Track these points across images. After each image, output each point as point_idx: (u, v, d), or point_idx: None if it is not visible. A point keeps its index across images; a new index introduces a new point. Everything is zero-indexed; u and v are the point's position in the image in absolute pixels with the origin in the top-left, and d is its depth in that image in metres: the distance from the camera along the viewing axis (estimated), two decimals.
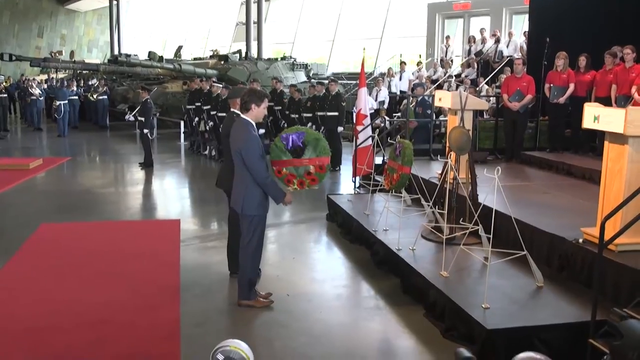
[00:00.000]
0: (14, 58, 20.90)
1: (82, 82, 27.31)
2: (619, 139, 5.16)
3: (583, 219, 5.88)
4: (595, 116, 5.31)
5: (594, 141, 9.82)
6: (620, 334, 1.76)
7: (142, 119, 13.64)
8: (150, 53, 25.16)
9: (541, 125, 11.12)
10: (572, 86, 10.05)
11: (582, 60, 10.14)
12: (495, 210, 5.07)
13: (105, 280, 6.32)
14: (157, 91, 20.71)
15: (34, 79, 27.75)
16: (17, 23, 44.25)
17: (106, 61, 28.54)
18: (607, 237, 4.58)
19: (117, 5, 44.14)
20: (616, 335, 1.82)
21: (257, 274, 5.80)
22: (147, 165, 13.53)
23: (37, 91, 22.59)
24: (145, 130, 13.43)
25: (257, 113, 5.40)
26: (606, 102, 9.20)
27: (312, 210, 9.51)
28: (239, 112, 5.73)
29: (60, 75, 31.95)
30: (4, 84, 22.86)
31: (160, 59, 24.15)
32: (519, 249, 5.29)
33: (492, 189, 5.04)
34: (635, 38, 9.44)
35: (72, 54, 39.53)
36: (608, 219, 4.60)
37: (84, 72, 27.65)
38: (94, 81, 25.23)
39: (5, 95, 22.62)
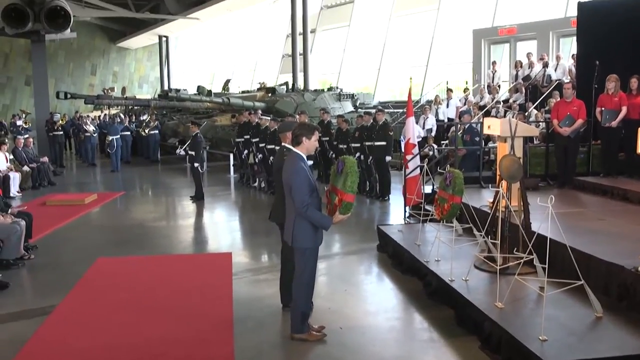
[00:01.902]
0: (69, 96, 21.61)
1: (134, 117, 27.98)
2: None
3: None
4: None
5: None
6: None
7: (193, 152, 13.88)
8: (199, 87, 25.67)
9: (593, 149, 10.92)
10: (624, 109, 9.88)
11: (634, 82, 9.98)
12: (550, 239, 4.99)
13: (160, 314, 6.41)
14: (207, 125, 21.06)
15: (87, 116, 28.54)
16: (72, 62, 45.82)
17: (156, 96, 29.24)
18: None
19: (167, 41, 45.39)
20: None
21: (310, 307, 5.80)
22: (198, 199, 13.73)
23: (91, 128, 23.22)
24: (196, 164, 13.66)
25: (308, 146, 5.47)
26: None
27: (362, 241, 9.49)
28: (289, 147, 5.87)
29: (113, 111, 32.82)
30: (60, 122, 23.56)
31: (209, 92, 24.61)
32: (575, 279, 5.18)
33: (545, 217, 4.97)
34: None
35: (123, 90, 40.63)
36: None
37: (136, 107, 28.36)
38: (145, 116, 25.81)
39: (61, 132, 23.33)
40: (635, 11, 11.04)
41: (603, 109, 10.06)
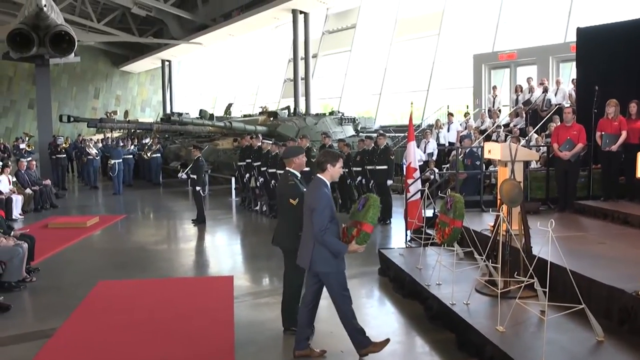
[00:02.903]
0: (72, 119, 21.75)
1: (136, 140, 28.12)
2: None
3: None
4: None
5: None
6: None
7: (195, 176, 13.93)
8: (201, 111, 25.82)
9: (594, 173, 10.96)
10: (624, 133, 9.94)
11: (633, 107, 10.05)
12: (550, 263, 5.01)
13: (161, 337, 6.42)
14: (209, 148, 21.16)
15: (90, 139, 28.72)
16: (75, 86, 46.21)
17: (159, 120, 29.41)
18: None
19: (169, 66, 45.79)
20: None
21: (356, 322, 5.76)
22: (200, 222, 13.76)
23: (93, 151, 23.35)
24: (198, 188, 13.71)
25: (332, 173, 5.58)
26: None
27: (363, 265, 9.49)
28: (293, 171, 6.02)
29: (116, 134, 33.01)
30: (63, 145, 23.69)
31: (211, 116, 24.74)
32: (576, 302, 5.19)
33: (546, 241, 5.00)
34: None
35: (126, 113, 40.90)
36: None
37: (138, 131, 28.50)
38: (148, 140, 25.94)
39: (64, 155, 23.42)
40: (634, 36, 11.15)
41: (603, 133, 10.12)
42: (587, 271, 6.15)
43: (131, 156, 23.68)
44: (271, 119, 22.33)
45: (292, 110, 24.48)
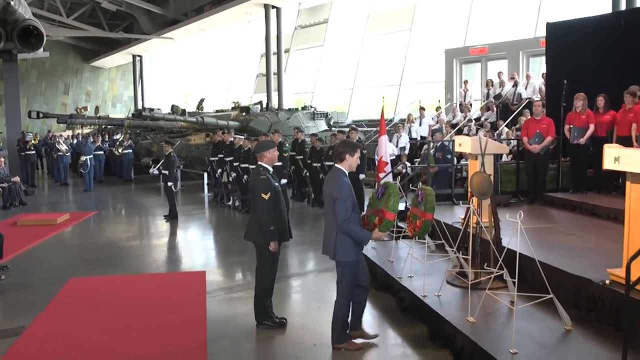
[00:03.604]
0: (41, 115, 21.43)
1: (107, 136, 27.84)
2: None
3: (609, 260, 5.85)
4: (616, 157, 5.33)
5: (617, 180, 9.79)
6: None
7: (166, 172, 13.85)
8: (173, 107, 25.59)
9: (563, 166, 11.11)
10: (592, 127, 10.09)
11: (600, 101, 10.20)
12: (519, 254, 5.07)
13: (133, 333, 6.38)
14: (181, 144, 21.03)
15: (60, 135, 28.35)
16: (44, 81, 45.55)
17: (130, 116, 29.12)
18: (633, 278, 4.57)
19: (140, 61, 45.36)
20: None
21: (348, 318, 5.82)
22: (172, 218, 13.69)
23: (63, 147, 23.04)
24: (170, 183, 13.63)
25: (350, 162, 5.64)
26: (628, 141, 9.22)
27: None
28: (265, 165, 6.10)
29: (86, 130, 32.62)
30: (33, 141, 23.35)
31: (183, 112, 24.54)
32: (545, 292, 5.27)
33: (515, 232, 5.06)
34: None
35: (97, 109, 40.46)
36: (633, 259, 4.58)
37: (109, 127, 28.20)
38: (119, 136, 25.69)
39: (34, 152, 23.10)
40: (601, 31, 11.30)
41: (571, 126, 10.26)
42: (555, 262, 6.25)
43: (102, 152, 23.44)
44: (243, 114, 22.25)
45: (264, 105, 24.43)
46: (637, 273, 4.73)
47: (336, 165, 5.68)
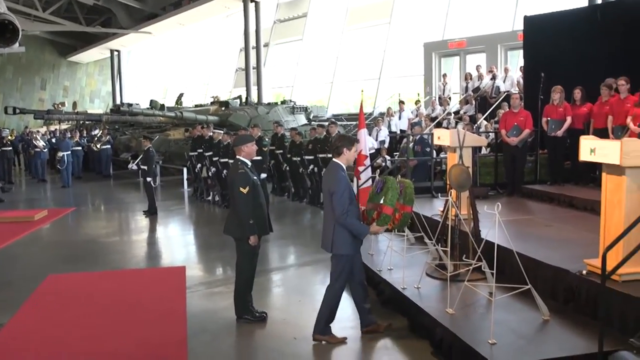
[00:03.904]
0: (18, 111, 21.22)
1: (85, 132, 27.59)
2: (616, 170, 5.24)
3: (586, 251, 5.92)
4: (592, 149, 5.39)
5: (594, 172, 9.89)
6: None
7: (145, 167, 13.77)
8: (151, 102, 25.46)
9: (541, 158, 11.21)
10: (569, 119, 10.18)
11: (577, 93, 10.29)
12: (498, 245, 5.11)
13: (113, 330, 6.34)
14: (160, 139, 20.91)
15: (37, 131, 28.05)
16: (21, 77, 45.01)
17: (108, 111, 28.90)
18: (609, 267, 4.63)
19: (118, 56, 44.96)
20: None
21: (336, 311, 5.85)
22: (151, 213, 13.61)
23: (41, 143, 22.81)
24: (149, 179, 13.55)
25: (348, 157, 5.67)
26: (604, 133, 9.32)
27: (317, 252, 9.49)
28: (244, 159, 6.06)
29: (64, 126, 32.29)
30: (9, 137, 23.08)
31: (162, 107, 24.43)
32: (523, 283, 5.32)
33: (493, 224, 5.10)
34: (628, 69, 9.59)
35: (74, 105, 39.97)
36: (609, 249, 4.65)
37: (87, 122, 27.95)
38: (97, 131, 25.49)
39: (10, 148, 22.84)
40: (578, 24, 11.40)
41: (549, 119, 10.34)
42: (533, 253, 6.31)
43: (80, 148, 23.22)
44: (223, 108, 22.17)
45: (243, 100, 24.35)
46: (613, 263, 4.79)
47: (334, 159, 5.71)
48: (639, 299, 4.88)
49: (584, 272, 5.55)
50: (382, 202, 5.63)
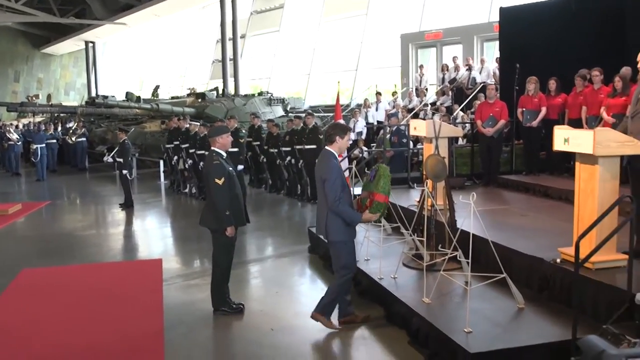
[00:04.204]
0: None
1: (60, 125, 27.26)
2: (589, 159, 5.29)
3: (561, 240, 5.98)
4: (565, 138, 5.43)
5: (569, 162, 9.98)
6: (580, 350, 1.83)
7: (121, 159, 13.64)
8: (127, 94, 25.19)
9: (516, 149, 11.28)
10: (544, 109, 10.25)
11: (552, 84, 10.37)
12: (473, 235, 5.15)
13: (89, 324, 6.28)
14: (135, 131, 20.73)
15: (11, 124, 27.66)
16: None
17: (83, 103, 28.57)
18: (582, 255, 4.69)
19: (93, 47, 44.43)
20: (577, 351, 1.90)
21: (343, 297, 5.87)
22: (128, 206, 13.50)
23: (14, 136, 22.49)
24: (124, 171, 13.44)
25: (340, 145, 5.67)
26: (579, 123, 9.40)
27: (294, 244, 9.53)
28: (219, 151, 6.03)
29: (38, 118, 31.87)
30: None
31: (138, 99, 24.19)
32: (498, 272, 5.36)
33: (469, 214, 5.13)
34: (602, 60, 9.69)
35: (49, 97, 39.55)
36: (582, 238, 4.70)
37: (62, 115, 27.63)
38: (72, 124, 25.19)
39: None
40: (553, 15, 11.47)
41: (524, 109, 10.41)
42: (508, 242, 6.36)
43: (55, 141, 22.96)
44: (199, 100, 22.04)
45: (220, 92, 24.23)
46: (586, 251, 4.85)
47: (326, 147, 5.73)
48: (612, 286, 4.95)
49: (558, 260, 5.61)
50: (374, 190, 5.64)
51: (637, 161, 5.38)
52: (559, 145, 5.53)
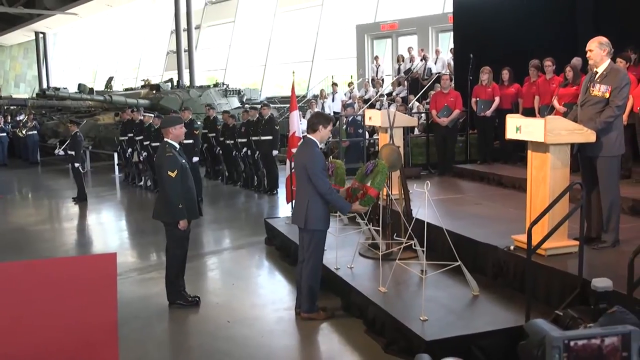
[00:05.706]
0: None
1: (10, 117, 26.60)
2: (541, 147, 5.37)
3: (514, 227, 6.07)
4: (517, 127, 5.50)
5: (523, 151, 10.11)
6: (526, 334, 1.84)
7: (73, 152, 13.35)
8: (80, 85, 24.73)
9: (471, 138, 11.41)
10: (497, 99, 10.38)
11: (505, 74, 10.50)
12: (428, 224, 5.19)
13: (41, 320, 6.14)
14: (88, 123, 20.36)
15: None
16: None
17: (34, 95, 27.94)
18: (535, 242, 4.76)
19: (44, 38, 43.44)
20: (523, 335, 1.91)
21: (319, 287, 5.81)
22: (81, 200, 13.24)
23: None
24: (77, 164, 13.16)
25: (322, 134, 5.64)
26: (532, 112, 9.56)
27: (251, 235, 9.48)
28: (171, 142, 5.93)
29: None
30: None
31: (91, 91, 23.78)
32: (453, 260, 5.41)
33: (424, 203, 5.16)
34: (554, 50, 9.84)
35: None
36: (534, 225, 4.77)
37: (12, 107, 26.98)
38: (22, 116, 24.60)
39: None
40: (505, 6, 11.63)
41: (478, 99, 10.53)
42: (463, 230, 6.43)
43: (4, 134, 22.41)
44: (154, 92, 21.77)
45: (175, 83, 23.97)
46: (538, 238, 4.92)
47: (308, 135, 5.69)
48: (563, 272, 5.04)
49: (512, 247, 5.69)
50: (369, 184, 5.64)
51: (586, 149, 5.48)
52: (511, 133, 5.60)
